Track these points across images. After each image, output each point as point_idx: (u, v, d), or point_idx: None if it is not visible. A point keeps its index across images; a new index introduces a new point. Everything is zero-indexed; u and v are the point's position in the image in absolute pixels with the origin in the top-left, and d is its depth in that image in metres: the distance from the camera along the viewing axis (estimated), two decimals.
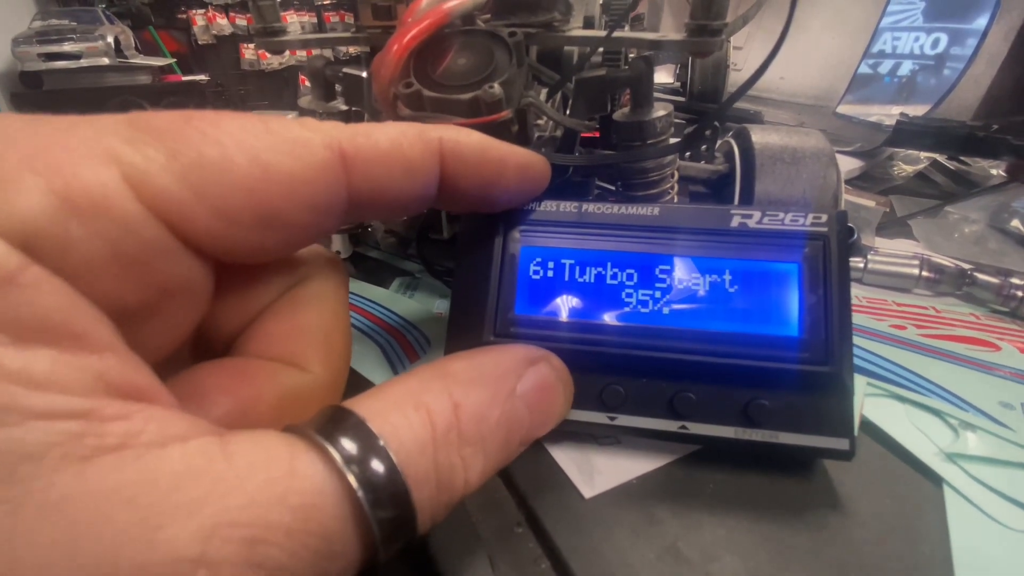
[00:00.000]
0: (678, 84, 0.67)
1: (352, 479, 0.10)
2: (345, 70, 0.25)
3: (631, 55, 0.28)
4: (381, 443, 0.11)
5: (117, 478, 0.08)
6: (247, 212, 0.12)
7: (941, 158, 0.59)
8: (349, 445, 0.10)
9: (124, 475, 0.08)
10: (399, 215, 0.29)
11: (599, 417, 0.20)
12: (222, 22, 2.65)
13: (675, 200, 0.27)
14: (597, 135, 0.29)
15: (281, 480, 0.09)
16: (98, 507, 0.08)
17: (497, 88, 0.20)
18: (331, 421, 0.11)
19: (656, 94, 0.25)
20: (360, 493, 0.10)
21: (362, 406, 0.11)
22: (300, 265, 0.16)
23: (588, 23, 0.28)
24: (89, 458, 0.08)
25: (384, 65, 0.21)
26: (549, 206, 0.21)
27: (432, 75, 0.21)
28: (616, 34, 0.23)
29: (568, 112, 0.26)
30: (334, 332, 0.16)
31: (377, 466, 0.10)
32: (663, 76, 0.74)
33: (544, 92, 0.26)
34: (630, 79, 0.23)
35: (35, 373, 0.08)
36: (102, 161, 0.10)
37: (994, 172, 0.56)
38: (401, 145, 0.14)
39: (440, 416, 0.12)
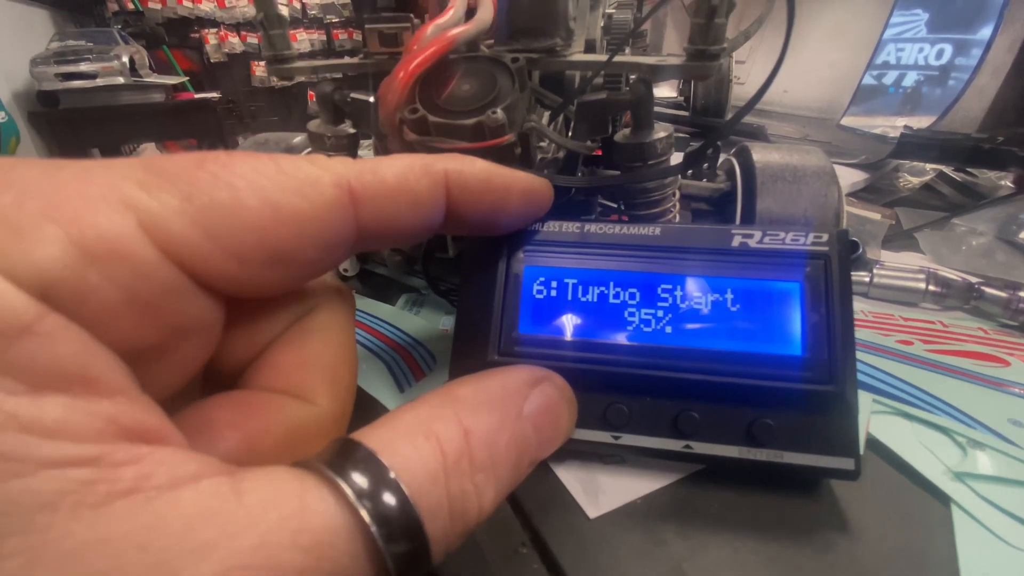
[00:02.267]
0: (681, 99, 0.68)
1: (364, 514, 0.10)
2: (353, 95, 0.26)
3: (632, 77, 0.28)
4: (392, 475, 0.11)
5: (130, 523, 0.08)
6: (258, 251, 0.12)
7: (947, 170, 0.59)
8: (360, 479, 0.10)
9: (137, 520, 0.09)
10: (405, 244, 0.29)
11: (603, 436, 0.20)
12: (234, 41, 2.71)
13: (677, 218, 0.27)
14: (599, 153, 0.30)
15: (292, 518, 0.09)
16: (113, 554, 0.08)
17: (500, 113, 0.21)
18: (341, 454, 0.11)
19: (659, 109, 0.25)
20: (373, 528, 0.10)
21: (371, 437, 0.11)
22: (308, 296, 0.16)
23: (589, 46, 0.29)
24: (102, 504, 0.08)
25: (390, 91, 0.21)
26: (552, 226, 0.22)
27: (437, 100, 0.22)
28: (616, 58, 0.23)
29: (570, 134, 0.26)
30: (340, 365, 0.16)
31: (389, 499, 0.10)
32: (666, 90, 0.75)
33: (546, 115, 0.26)
34: (631, 102, 0.24)
35: (47, 421, 0.09)
36: (118, 208, 0.10)
37: (1002, 183, 0.56)
38: (408, 179, 0.14)
39: (450, 444, 0.12)
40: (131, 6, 2.51)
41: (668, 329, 0.20)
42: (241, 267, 0.12)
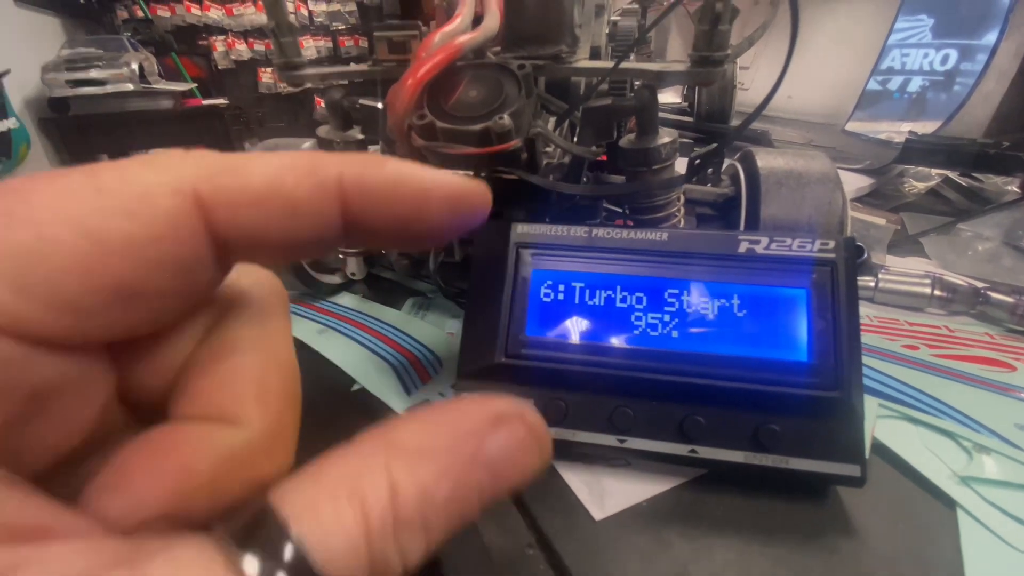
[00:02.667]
0: (685, 104, 0.68)
1: None
2: (361, 101, 0.26)
3: (637, 83, 0.29)
4: (305, 553, 0.10)
5: None
6: (90, 294, 0.10)
7: (953, 174, 0.59)
8: (271, 562, 0.09)
9: None
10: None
11: (609, 440, 0.20)
12: (241, 48, 2.74)
13: (681, 223, 0.27)
14: (604, 158, 0.30)
15: None
16: None
17: (507, 119, 0.21)
18: (258, 532, 0.10)
19: (664, 115, 0.26)
20: None
21: (293, 499, 0.10)
22: (217, 297, 0.14)
23: (595, 53, 0.29)
24: None
25: (399, 98, 0.22)
26: (560, 230, 0.22)
27: (444, 107, 0.22)
28: (622, 65, 0.23)
29: (576, 139, 0.27)
30: (268, 372, 0.14)
31: None
32: (670, 96, 0.76)
33: (552, 120, 0.27)
34: (636, 108, 0.24)
35: None
36: None
37: (1008, 188, 0.56)
38: (282, 183, 0.12)
39: (375, 506, 0.11)
40: (140, 14, 2.54)
41: (674, 333, 0.20)
42: (75, 316, 0.10)
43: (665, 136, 0.25)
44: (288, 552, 0.09)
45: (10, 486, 0.09)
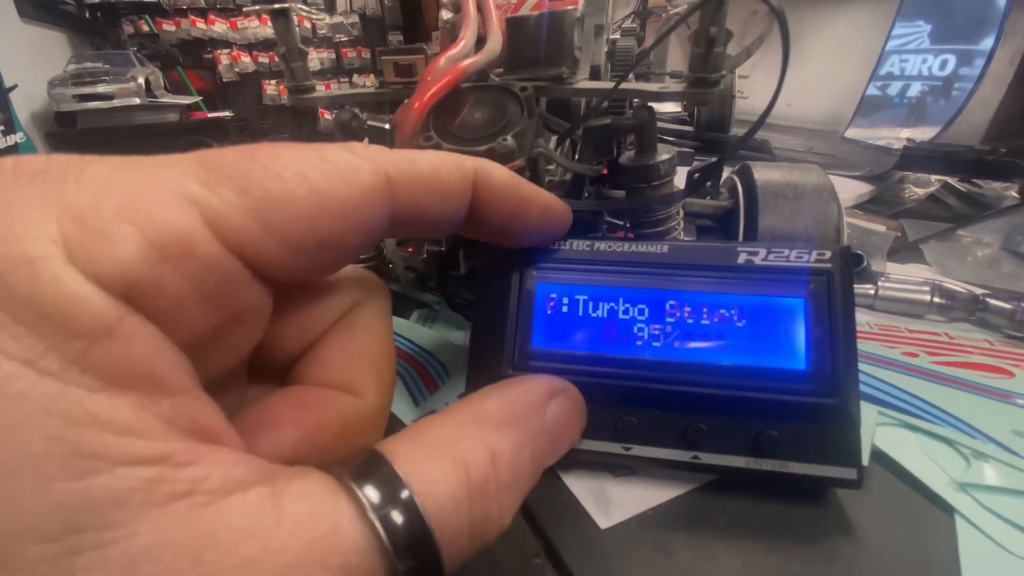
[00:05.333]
0: (685, 114, 0.69)
1: (386, 538, 0.11)
2: (370, 123, 0.27)
3: (635, 101, 0.29)
4: (416, 501, 0.11)
5: (186, 530, 0.09)
6: (307, 239, 0.12)
7: (953, 180, 0.59)
8: (388, 504, 0.11)
9: (192, 528, 0.09)
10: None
11: (614, 447, 0.21)
12: (246, 60, 2.77)
13: (680, 235, 0.28)
14: (605, 172, 0.31)
15: (325, 539, 0.10)
16: (172, 561, 0.09)
17: (510, 140, 0.22)
18: (373, 473, 0.11)
19: (664, 124, 0.26)
20: (392, 555, 0.11)
21: (400, 455, 0.12)
22: (351, 292, 0.17)
23: (594, 72, 0.30)
24: (163, 504, 0.09)
25: (406, 121, 0.22)
26: (563, 244, 0.23)
27: (450, 128, 0.23)
28: (621, 86, 0.24)
29: (577, 157, 0.28)
30: (383, 358, 0.17)
31: (412, 527, 0.11)
32: (670, 105, 0.76)
33: (554, 139, 0.27)
34: (634, 126, 0.25)
35: (121, 420, 0.09)
36: (185, 206, 0.11)
37: (1008, 193, 0.56)
38: (440, 172, 0.15)
39: (477, 469, 0.13)
40: (146, 29, 2.58)
41: (676, 344, 0.21)
42: (293, 255, 0.12)
43: (664, 153, 0.25)
44: (404, 492, 0.11)
45: (199, 389, 0.11)
